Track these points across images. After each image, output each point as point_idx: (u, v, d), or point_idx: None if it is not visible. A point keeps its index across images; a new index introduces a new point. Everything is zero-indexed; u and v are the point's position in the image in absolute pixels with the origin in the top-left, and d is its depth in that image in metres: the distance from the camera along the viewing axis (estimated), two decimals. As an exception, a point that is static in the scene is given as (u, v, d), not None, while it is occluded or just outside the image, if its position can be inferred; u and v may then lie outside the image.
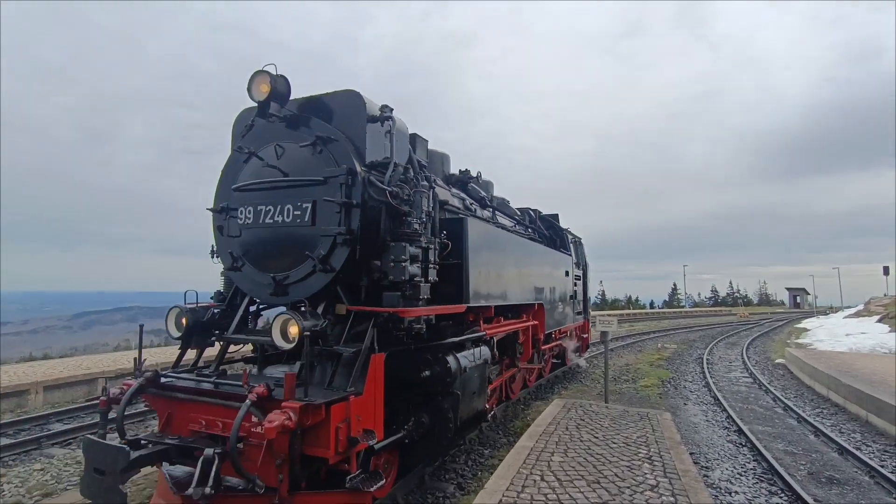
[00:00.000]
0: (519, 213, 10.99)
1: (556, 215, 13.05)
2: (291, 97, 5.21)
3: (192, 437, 4.36)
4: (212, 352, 5.48)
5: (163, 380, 4.77)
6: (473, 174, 8.45)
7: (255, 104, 5.04)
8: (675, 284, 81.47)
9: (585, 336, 14.60)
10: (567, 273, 11.67)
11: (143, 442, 4.24)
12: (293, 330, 4.38)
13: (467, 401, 5.70)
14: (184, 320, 5.19)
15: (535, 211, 12.07)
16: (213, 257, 5.74)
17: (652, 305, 71.08)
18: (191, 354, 5.49)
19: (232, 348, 5.45)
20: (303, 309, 4.55)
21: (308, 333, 4.22)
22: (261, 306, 5.69)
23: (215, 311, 5.55)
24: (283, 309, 4.65)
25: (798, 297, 75.54)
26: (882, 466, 7.11)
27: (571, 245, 12.85)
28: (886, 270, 46.08)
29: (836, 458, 7.69)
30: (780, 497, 6.13)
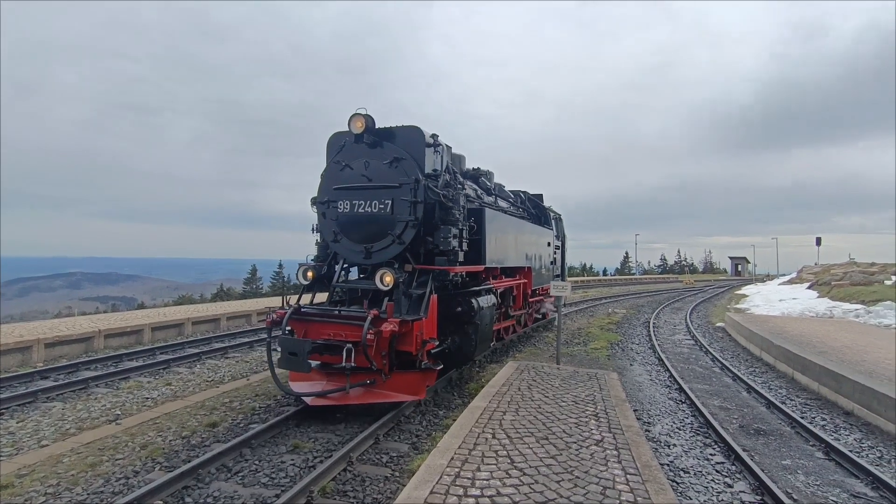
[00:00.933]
0: (512, 195, 13.28)
1: (541, 195, 15.60)
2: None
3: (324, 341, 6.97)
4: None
5: (302, 310, 7.41)
6: (469, 165, 10.57)
7: (346, 129, 7.83)
8: (626, 253, 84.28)
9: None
10: (549, 244, 14.24)
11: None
12: (388, 279, 7.15)
13: (483, 329, 8.46)
14: (310, 273, 8.08)
15: (524, 192, 14.53)
16: (314, 232, 8.49)
17: (605, 273, 73.43)
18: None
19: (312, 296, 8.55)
20: (395, 266, 7.38)
21: (396, 281, 7.14)
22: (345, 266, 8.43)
23: (323, 269, 8.32)
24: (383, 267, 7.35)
25: (739, 266, 79.90)
26: (802, 418, 7.74)
27: (553, 221, 15.52)
28: (819, 241, 49.26)
29: (765, 411, 8.30)
30: (714, 448, 6.58)
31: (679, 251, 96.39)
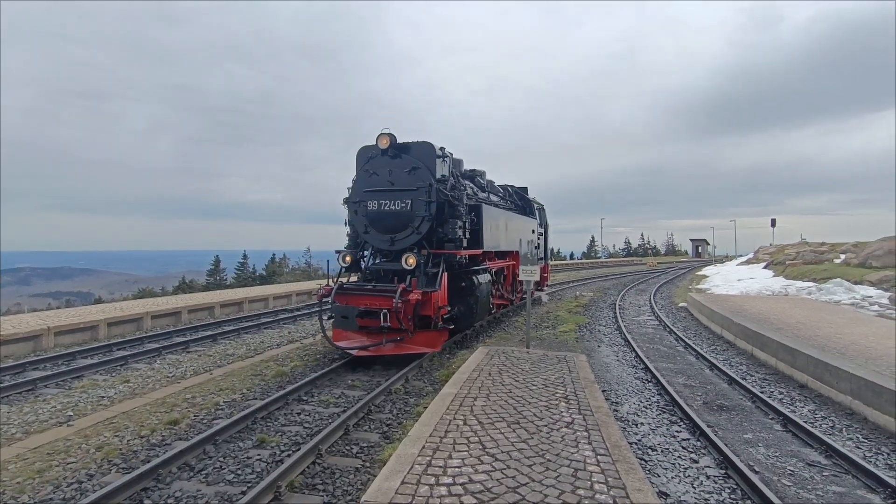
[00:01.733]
0: (501, 190, 15.39)
1: (526, 188, 17.73)
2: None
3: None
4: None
5: (344, 286, 9.85)
6: (466, 165, 12.20)
7: (374, 143, 10.14)
8: (592, 237, 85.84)
9: (545, 276, 20.09)
10: (533, 231, 16.56)
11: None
12: (411, 261, 9.45)
13: (482, 300, 10.79)
14: (348, 258, 10.54)
15: (511, 186, 16.80)
16: (345, 225, 10.84)
17: (572, 257, 74.69)
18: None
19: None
20: (415, 251, 9.68)
21: (416, 263, 9.45)
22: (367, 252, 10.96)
23: (357, 254, 10.76)
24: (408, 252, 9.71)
25: (700, 248, 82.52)
26: (762, 392, 8.02)
27: (537, 211, 18.04)
28: (773, 223, 51.31)
29: (726, 388, 8.56)
30: (680, 425, 6.75)
31: (643, 235, 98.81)
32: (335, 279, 10.31)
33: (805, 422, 6.69)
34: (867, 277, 19.77)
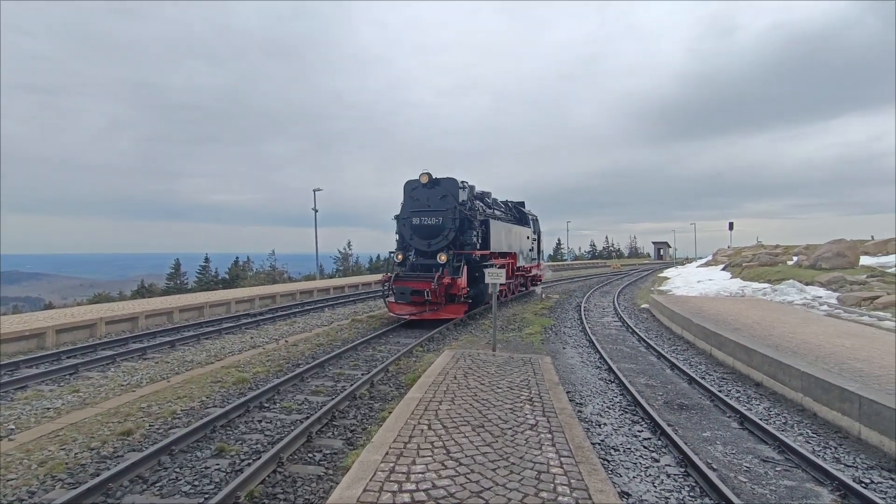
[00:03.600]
0: (503, 205, 20.56)
1: (523, 202, 23.21)
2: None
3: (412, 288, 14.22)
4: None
5: (399, 275, 14.70)
6: (475, 186, 16.70)
7: (417, 177, 15.10)
8: (559, 240, 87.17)
9: (539, 273, 25.50)
10: (528, 237, 22.00)
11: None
12: (443, 258, 14.22)
13: (488, 287, 11.91)
14: (400, 256, 15.35)
15: (511, 202, 22.17)
16: (395, 234, 15.65)
17: (539, 259, 75.49)
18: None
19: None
20: (445, 251, 14.47)
21: (447, 259, 14.25)
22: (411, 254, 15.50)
23: (406, 254, 15.37)
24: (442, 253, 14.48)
25: (661, 250, 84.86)
26: (720, 391, 8.26)
27: (531, 222, 23.11)
28: (731, 226, 53.15)
29: (686, 387, 8.79)
30: (641, 425, 6.87)
31: (607, 237, 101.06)
32: (392, 272, 15.14)
33: (760, 419, 6.92)
34: (817, 279, 20.69)
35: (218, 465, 5.34)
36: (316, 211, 34.79)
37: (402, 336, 12.95)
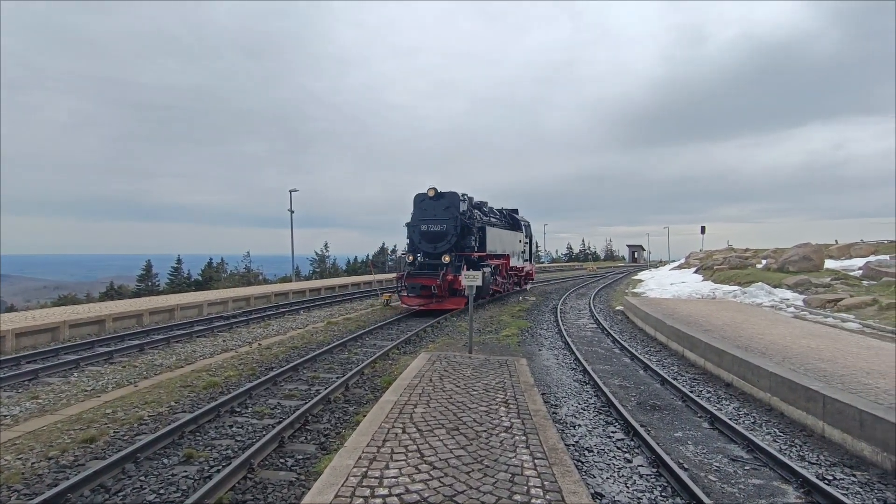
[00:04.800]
0: (497, 213, 23.24)
1: (516, 209, 25.94)
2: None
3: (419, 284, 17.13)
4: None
5: (410, 272, 17.56)
6: (473, 197, 19.59)
7: (425, 191, 18.08)
8: (536, 242, 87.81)
9: (529, 271, 28.03)
10: (520, 241, 24.99)
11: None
12: (447, 258, 17.02)
13: (485, 283, 17.15)
14: (410, 257, 18.31)
15: (505, 209, 24.90)
16: (407, 238, 18.45)
17: (516, 262, 75.91)
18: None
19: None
20: (448, 253, 17.27)
21: (450, 260, 17.09)
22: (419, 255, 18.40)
23: (415, 255, 18.30)
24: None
25: (636, 253, 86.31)
26: (691, 392, 8.41)
27: (523, 227, 25.83)
28: (703, 230, 54.34)
29: (659, 388, 8.92)
30: (615, 426, 6.94)
31: (583, 240, 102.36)
32: (404, 270, 17.97)
33: (730, 419, 7.05)
34: (785, 281, 21.30)
35: (186, 472, 5.19)
36: (292, 212, 34.36)
37: (378, 338, 12.85)
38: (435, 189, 17.68)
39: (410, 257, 18.17)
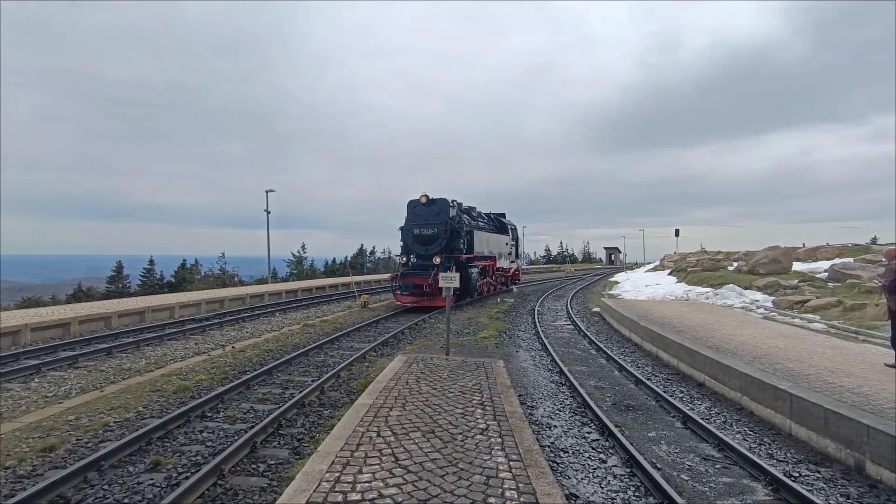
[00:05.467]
0: (485, 216, 25.00)
1: (504, 214, 27.94)
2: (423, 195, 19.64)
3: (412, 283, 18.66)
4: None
5: (404, 272, 19.19)
6: (462, 203, 21.03)
7: (418, 198, 19.45)
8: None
9: (516, 272, 30.13)
10: (506, 244, 26.99)
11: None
12: (437, 259, 18.42)
13: (472, 282, 19.88)
14: (404, 258, 19.51)
15: (492, 213, 26.77)
16: (401, 241, 19.79)
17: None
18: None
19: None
20: (439, 254, 18.64)
21: (440, 261, 18.42)
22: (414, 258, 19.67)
23: (409, 257, 19.55)
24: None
25: (612, 255, 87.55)
26: (665, 392, 8.53)
27: (510, 230, 28.06)
28: (677, 233, 55.35)
29: (633, 388, 9.03)
30: (590, 426, 6.99)
31: (561, 242, 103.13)
32: (398, 271, 19.59)
33: (702, 418, 7.17)
34: (755, 283, 21.83)
35: (152, 479, 5.03)
36: (268, 213, 33.88)
37: (355, 341, 12.73)
38: (427, 196, 19.20)
39: (404, 258, 19.52)
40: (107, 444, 5.83)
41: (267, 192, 33.56)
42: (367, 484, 4.00)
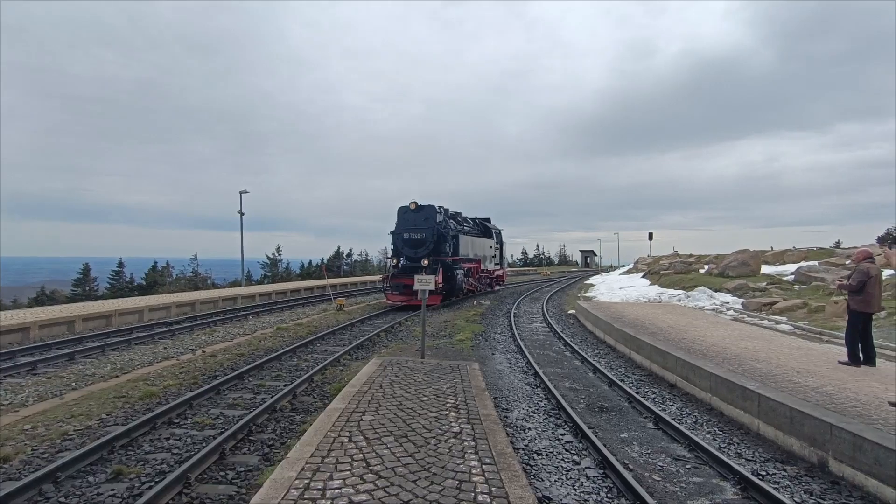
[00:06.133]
0: (471, 221, 26.43)
1: (489, 218, 29.99)
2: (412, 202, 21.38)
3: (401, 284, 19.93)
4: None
5: (394, 273, 20.67)
6: (449, 209, 22.86)
7: (407, 204, 21.12)
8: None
9: (500, 274, 32.12)
10: (491, 247, 28.67)
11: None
12: (426, 262, 19.77)
13: (458, 283, 22.05)
14: (395, 261, 21.17)
15: (479, 218, 28.42)
16: (392, 244, 21.64)
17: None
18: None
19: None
20: (427, 257, 20.11)
21: (428, 263, 19.81)
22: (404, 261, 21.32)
23: (399, 259, 21.18)
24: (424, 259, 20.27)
25: (588, 258, 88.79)
26: (637, 393, 8.63)
27: (494, 234, 29.69)
28: (651, 236, 56.51)
29: (607, 390, 9.11)
30: (564, 428, 7.01)
31: (538, 245, 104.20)
32: (389, 272, 21.06)
33: (673, 419, 7.27)
34: (725, 286, 22.36)
35: (113, 490, 4.84)
36: (242, 214, 33.27)
37: (330, 344, 12.56)
38: (416, 203, 20.81)
39: (395, 261, 21.08)
40: (65, 453, 5.59)
41: (241, 193, 32.98)
42: (337, 490, 3.92)
